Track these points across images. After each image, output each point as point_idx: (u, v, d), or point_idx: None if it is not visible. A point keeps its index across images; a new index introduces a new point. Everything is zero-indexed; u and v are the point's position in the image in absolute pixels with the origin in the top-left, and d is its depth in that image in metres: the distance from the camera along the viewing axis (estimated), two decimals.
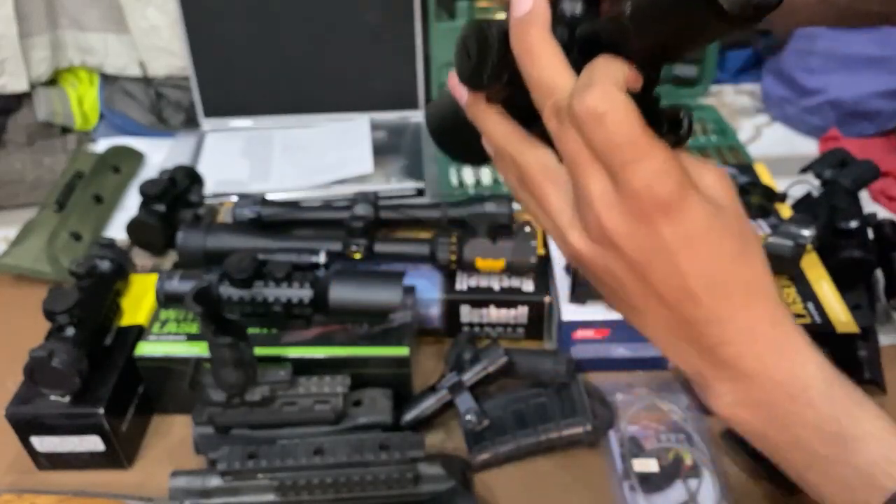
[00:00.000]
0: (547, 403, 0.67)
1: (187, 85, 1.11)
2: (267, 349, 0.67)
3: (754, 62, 1.22)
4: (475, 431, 0.66)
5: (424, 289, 0.76)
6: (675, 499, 0.62)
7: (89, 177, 0.97)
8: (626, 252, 0.35)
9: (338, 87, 1.11)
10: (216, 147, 1.08)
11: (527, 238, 0.74)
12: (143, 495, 0.65)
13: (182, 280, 0.70)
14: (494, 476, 0.66)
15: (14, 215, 0.97)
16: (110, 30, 1.09)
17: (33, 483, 0.67)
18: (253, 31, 1.07)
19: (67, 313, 0.64)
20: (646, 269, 0.35)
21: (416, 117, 1.12)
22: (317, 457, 0.60)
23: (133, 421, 0.68)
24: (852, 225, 0.75)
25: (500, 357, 0.67)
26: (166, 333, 0.69)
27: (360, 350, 0.67)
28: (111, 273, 0.72)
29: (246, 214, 0.85)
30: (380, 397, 0.67)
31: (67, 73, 1.14)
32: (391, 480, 0.60)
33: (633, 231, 0.34)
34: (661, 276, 0.35)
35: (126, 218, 0.89)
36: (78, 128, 1.12)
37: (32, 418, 0.64)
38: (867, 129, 1.07)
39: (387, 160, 1.03)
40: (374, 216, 0.82)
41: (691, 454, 0.65)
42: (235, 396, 0.63)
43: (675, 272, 0.34)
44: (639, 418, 0.68)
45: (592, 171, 0.34)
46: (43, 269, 0.86)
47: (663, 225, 0.33)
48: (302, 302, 0.67)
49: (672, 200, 0.33)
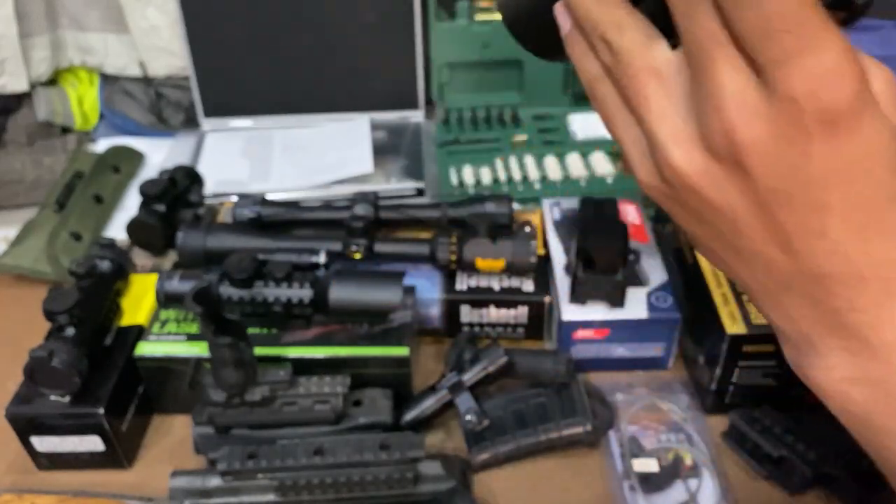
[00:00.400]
0: (547, 403, 0.67)
1: (187, 85, 1.10)
2: (267, 349, 0.67)
3: None
4: (475, 431, 0.66)
5: (424, 289, 0.76)
6: (675, 499, 0.62)
7: (89, 177, 0.97)
8: (761, 176, 0.26)
9: (338, 87, 1.11)
10: (216, 147, 1.08)
11: (527, 238, 0.74)
12: (143, 495, 0.65)
13: (182, 280, 0.70)
14: (494, 476, 0.66)
15: (14, 215, 0.97)
16: (110, 30, 1.09)
17: (33, 483, 0.67)
18: (253, 31, 1.07)
19: (67, 313, 0.64)
20: (781, 203, 0.27)
21: (416, 117, 1.12)
22: (317, 457, 0.60)
23: (133, 421, 0.68)
24: None
25: (500, 357, 0.67)
26: (166, 333, 0.69)
27: (360, 350, 0.67)
28: (111, 273, 0.72)
29: (246, 214, 0.85)
30: (380, 397, 0.67)
31: (67, 73, 1.14)
32: (391, 480, 0.60)
33: (778, 150, 0.26)
34: (801, 214, 0.27)
35: (126, 218, 0.88)
36: (78, 128, 1.12)
37: (32, 418, 0.64)
38: None
39: (387, 160, 1.03)
40: (374, 216, 0.82)
41: (691, 454, 0.65)
42: (235, 396, 0.63)
43: (821, 211, 0.26)
44: (639, 418, 0.68)
45: (730, 62, 0.25)
46: (43, 269, 0.86)
47: (824, 145, 0.25)
48: (302, 302, 0.67)
49: (843, 114, 0.25)
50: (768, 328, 0.36)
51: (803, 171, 0.26)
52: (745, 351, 0.64)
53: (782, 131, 0.25)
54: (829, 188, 0.26)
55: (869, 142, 0.25)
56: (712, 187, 0.28)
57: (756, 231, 0.28)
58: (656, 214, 0.86)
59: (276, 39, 1.07)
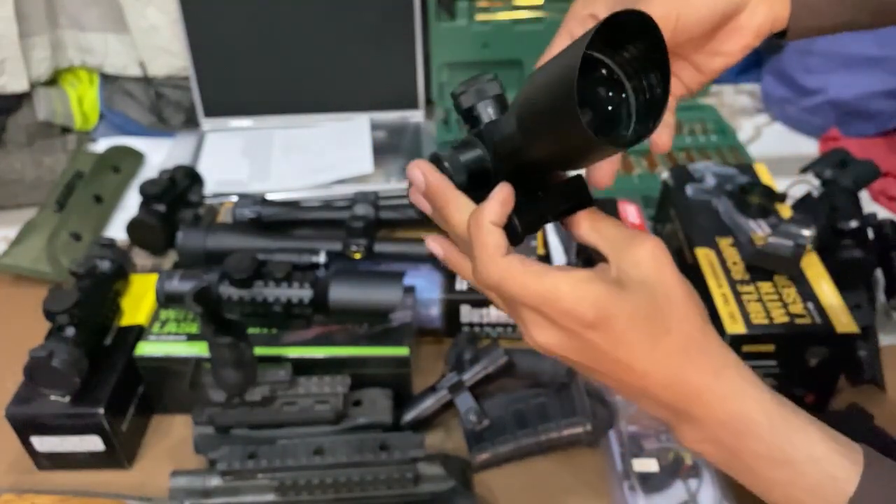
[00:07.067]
0: (547, 403, 0.67)
1: (187, 85, 1.11)
2: (267, 349, 0.67)
3: (754, 62, 1.22)
4: (475, 431, 0.66)
5: (424, 289, 0.76)
6: (675, 499, 0.62)
7: (89, 177, 0.97)
8: (572, 358, 0.39)
9: (338, 87, 1.11)
10: (216, 147, 1.08)
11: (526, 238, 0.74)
12: (143, 495, 0.65)
13: (182, 280, 0.69)
14: (494, 476, 0.66)
15: (14, 215, 0.97)
16: (110, 30, 1.09)
17: (33, 483, 0.67)
18: (253, 31, 1.07)
19: (67, 313, 0.64)
20: (594, 367, 0.39)
21: (416, 117, 1.12)
22: (317, 457, 0.60)
23: (133, 421, 0.68)
24: (852, 225, 0.75)
25: (500, 357, 0.67)
26: (166, 333, 0.69)
27: (360, 350, 0.67)
28: (111, 273, 0.72)
29: (246, 214, 0.85)
30: (380, 397, 0.67)
31: (67, 73, 1.14)
32: (391, 480, 0.60)
33: (571, 345, 0.38)
34: (607, 369, 0.38)
35: (126, 218, 0.89)
36: (78, 128, 1.12)
37: (32, 418, 0.64)
38: (867, 129, 1.07)
39: (387, 160, 1.03)
40: (374, 216, 0.82)
41: (691, 454, 0.65)
42: (235, 396, 0.63)
43: (616, 365, 0.38)
44: (639, 418, 0.68)
45: (520, 310, 0.39)
46: (43, 269, 0.86)
47: (592, 335, 0.37)
48: (302, 302, 0.67)
49: (590, 320, 0.36)
50: (768, 328, 0.38)
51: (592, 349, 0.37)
52: (744, 351, 0.64)
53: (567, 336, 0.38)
54: (615, 351, 0.37)
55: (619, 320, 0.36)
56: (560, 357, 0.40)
57: (595, 376, 0.40)
58: (656, 214, 0.86)
59: (276, 39, 1.07)
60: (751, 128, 1.15)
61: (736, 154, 1.03)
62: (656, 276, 0.38)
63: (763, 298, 0.66)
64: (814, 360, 0.65)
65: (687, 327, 0.38)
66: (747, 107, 1.19)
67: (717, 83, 1.21)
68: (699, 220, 0.76)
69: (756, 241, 0.71)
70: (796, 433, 0.38)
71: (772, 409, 0.38)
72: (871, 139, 1.07)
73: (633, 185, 0.96)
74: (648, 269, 0.38)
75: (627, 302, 0.37)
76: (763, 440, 0.38)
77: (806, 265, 0.69)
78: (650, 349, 0.37)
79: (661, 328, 0.37)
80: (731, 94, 1.22)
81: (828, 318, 0.65)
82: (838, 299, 0.67)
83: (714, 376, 0.38)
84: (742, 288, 0.68)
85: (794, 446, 0.38)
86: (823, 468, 0.37)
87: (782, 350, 0.65)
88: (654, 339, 0.37)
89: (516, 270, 0.37)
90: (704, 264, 0.71)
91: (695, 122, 1.10)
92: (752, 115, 1.17)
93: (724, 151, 1.04)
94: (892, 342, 0.76)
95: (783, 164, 0.95)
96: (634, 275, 0.38)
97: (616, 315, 0.36)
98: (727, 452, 0.39)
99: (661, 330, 0.37)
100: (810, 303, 0.66)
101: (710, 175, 0.81)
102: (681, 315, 0.38)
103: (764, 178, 0.81)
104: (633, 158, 1.03)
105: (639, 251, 0.38)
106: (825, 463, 0.37)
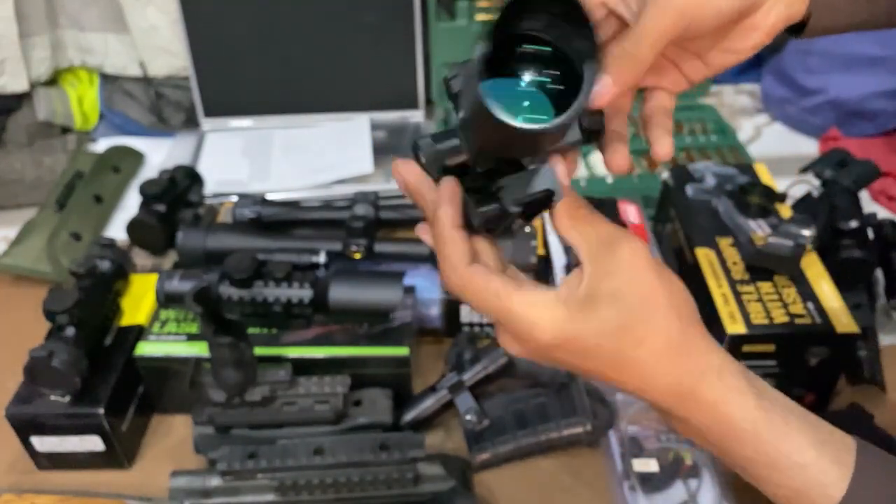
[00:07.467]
0: (547, 403, 0.67)
1: (187, 85, 1.10)
2: (267, 349, 0.67)
3: (754, 62, 1.22)
4: (475, 431, 0.66)
5: (424, 289, 0.76)
6: (675, 499, 0.62)
7: (89, 177, 0.97)
8: (547, 363, 0.40)
9: (338, 87, 1.11)
10: (216, 147, 1.08)
11: (527, 238, 0.74)
12: (143, 495, 0.65)
13: (182, 280, 0.69)
14: (494, 476, 0.66)
15: (14, 215, 0.97)
16: (110, 30, 1.09)
17: (33, 483, 0.67)
18: (253, 31, 1.07)
19: (67, 313, 0.64)
20: (572, 370, 0.40)
21: (416, 117, 1.12)
22: (317, 457, 0.60)
23: (133, 421, 0.68)
24: (852, 225, 0.75)
25: (500, 357, 0.67)
26: (166, 333, 0.69)
27: (360, 350, 0.67)
28: (111, 273, 0.72)
29: (246, 214, 0.85)
30: (380, 397, 0.67)
31: (67, 73, 1.14)
32: (391, 480, 0.60)
33: (539, 356, 0.39)
34: (584, 374, 0.39)
35: (126, 218, 0.89)
36: (78, 128, 1.12)
37: (32, 418, 0.64)
38: (867, 129, 1.07)
39: (387, 160, 1.02)
40: (374, 216, 0.82)
41: (691, 454, 0.65)
42: (235, 396, 0.63)
43: (590, 373, 0.39)
44: (639, 418, 0.68)
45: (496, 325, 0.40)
46: (43, 269, 0.86)
47: (555, 353, 0.38)
48: (302, 302, 0.67)
49: (547, 342, 0.37)
50: (768, 328, 0.37)
51: (561, 361, 0.38)
52: (744, 351, 0.64)
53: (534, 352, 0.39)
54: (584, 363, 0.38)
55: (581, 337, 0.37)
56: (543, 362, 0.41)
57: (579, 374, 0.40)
58: (656, 214, 0.86)
59: (276, 39, 1.07)
60: (751, 128, 1.15)
61: (736, 154, 1.03)
62: (630, 286, 0.37)
63: (763, 298, 0.66)
64: (814, 360, 0.65)
65: (664, 334, 0.37)
66: (747, 107, 1.19)
67: (716, 83, 1.21)
68: (699, 220, 0.76)
69: (756, 241, 0.71)
70: (783, 440, 0.38)
71: (757, 417, 0.38)
72: (871, 139, 1.07)
73: (633, 185, 0.96)
74: (622, 279, 0.37)
75: (592, 321, 0.37)
76: (748, 445, 0.38)
77: (806, 265, 0.69)
78: (620, 362, 0.37)
79: (631, 340, 0.37)
80: (731, 94, 1.22)
81: (828, 318, 0.65)
82: (838, 299, 0.67)
83: (697, 380, 0.38)
84: (742, 288, 0.68)
85: (780, 452, 0.38)
86: (811, 475, 0.37)
87: (782, 350, 0.65)
88: (622, 353, 0.37)
89: (476, 286, 0.38)
90: (704, 264, 0.71)
91: (695, 122, 1.10)
92: (752, 115, 1.17)
93: (724, 151, 1.04)
94: (892, 342, 0.76)
95: (783, 164, 0.95)
96: (605, 287, 0.37)
97: (576, 336, 0.37)
98: (716, 450, 0.40)
99: (631, 342, 0.37)
100: (810, 303, 0.66)
101: (710, 175, 0.81)
102: (657, 322, 0.37)
103: (764, 178, 0.81)
104: (633, 158, 1.02)
105: (614, 258, 0.38)
106: (813, 469, 0.37)
